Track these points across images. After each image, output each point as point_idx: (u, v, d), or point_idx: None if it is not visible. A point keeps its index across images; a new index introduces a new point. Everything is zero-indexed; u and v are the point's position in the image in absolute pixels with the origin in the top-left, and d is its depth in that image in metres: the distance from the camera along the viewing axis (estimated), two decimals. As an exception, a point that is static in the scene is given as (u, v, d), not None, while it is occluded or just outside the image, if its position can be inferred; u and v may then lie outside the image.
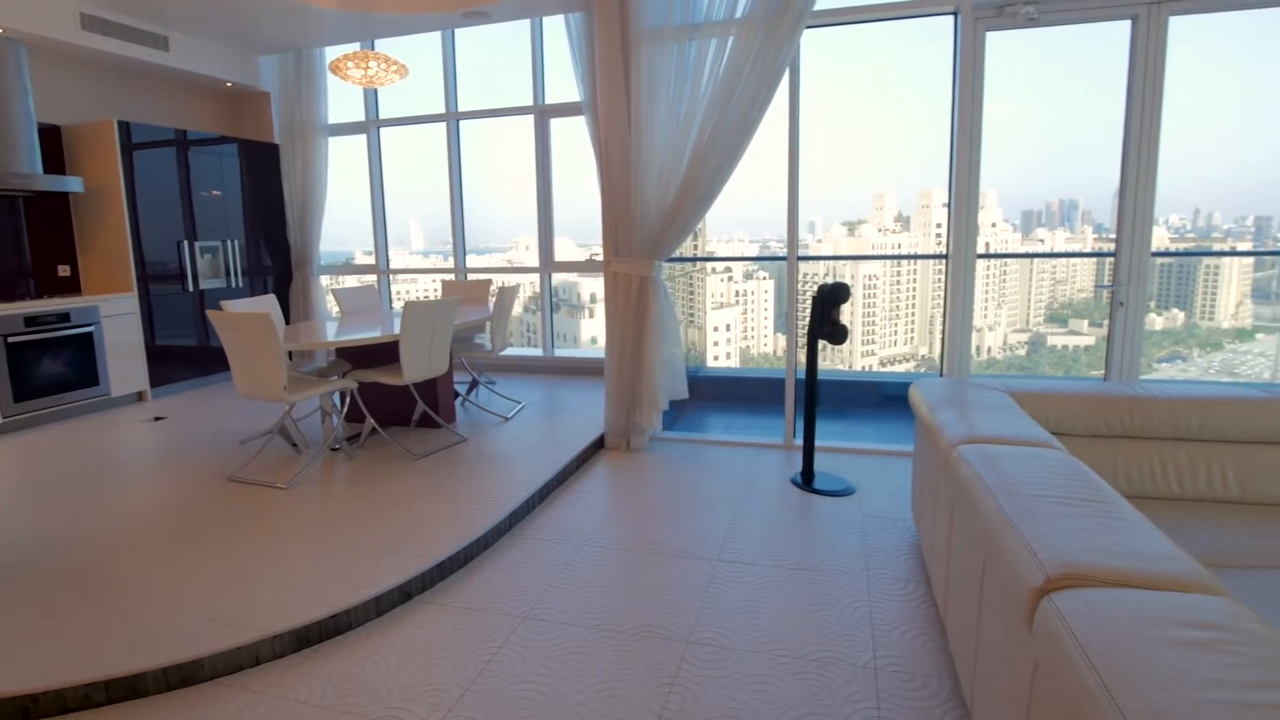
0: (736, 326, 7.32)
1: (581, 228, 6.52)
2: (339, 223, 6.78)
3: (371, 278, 6.73)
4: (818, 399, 3.45)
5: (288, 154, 6.27)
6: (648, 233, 3.84)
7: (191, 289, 5.53)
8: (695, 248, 5.58)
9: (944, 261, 3.84)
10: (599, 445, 4.04)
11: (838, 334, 3.16)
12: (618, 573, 2.61)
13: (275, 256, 6.35)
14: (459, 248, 6.36)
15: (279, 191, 6.32)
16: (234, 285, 5.88)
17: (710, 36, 3.63)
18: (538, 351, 6.33)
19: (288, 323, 6.35)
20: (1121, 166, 3.56)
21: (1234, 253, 5.73)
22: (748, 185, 4.28)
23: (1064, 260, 5.95)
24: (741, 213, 5.45)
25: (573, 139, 5.97)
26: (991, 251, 5.58)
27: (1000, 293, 7.15)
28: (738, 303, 7.45)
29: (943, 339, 3.85)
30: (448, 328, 3.79)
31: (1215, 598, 1.16)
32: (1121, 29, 3.56)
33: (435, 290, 6.71)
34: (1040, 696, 1.22)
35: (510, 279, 6.20)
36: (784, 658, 2.07)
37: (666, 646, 2.14)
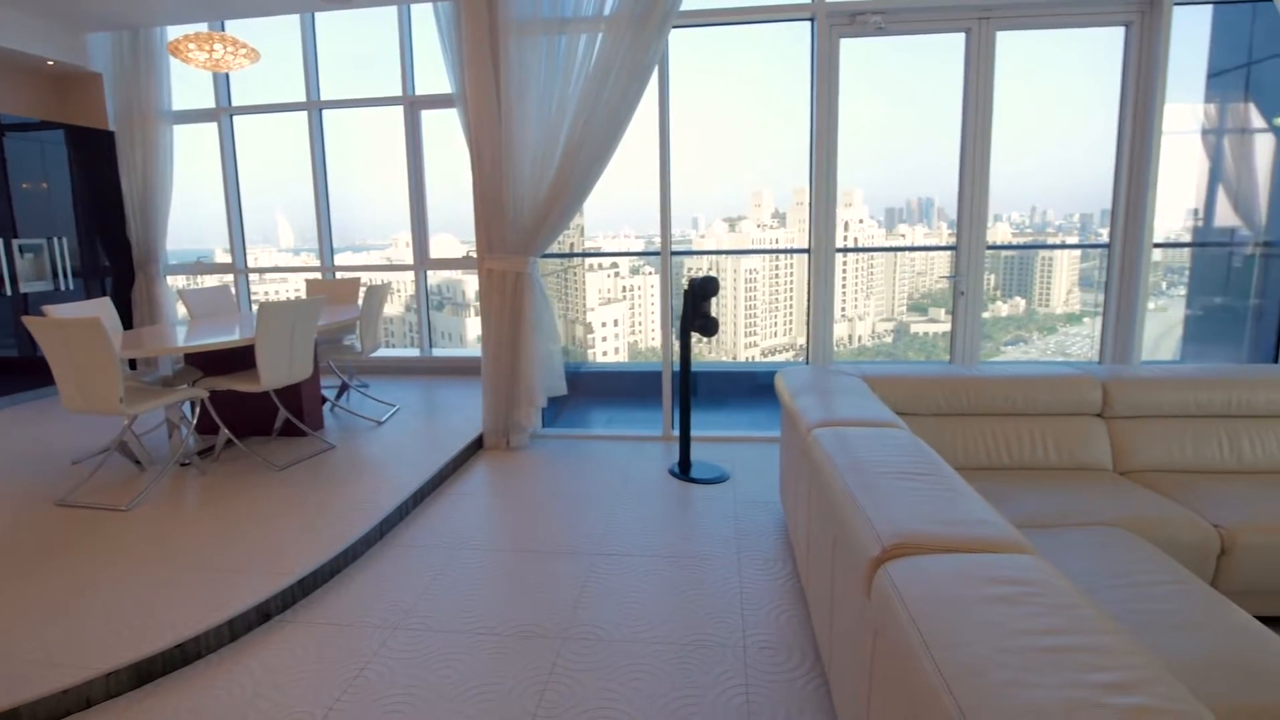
0: (624, 321, 7.38)
1: (464, 224, 6.35)
2: (191, 219, 6.24)
3: (231, 277, 6.24)
4: (694, 390, 3.54)
5: (125, 143, 5.68)
6: (522, 228, 3.79)
7: (10, 293, 4.91)
8: (572, 245, 5.57)
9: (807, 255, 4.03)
10: (478, 446, 3.96)
11: (709, 326, 3.25)
12: (494, 574, 2.57)
13: (114, 256, 5.75)
14: (325, 245, 6.02)
15: (115, 183, 5.72)
16: (63, 288, 5.27)
17: (580, 32, 3.62)
18: (415, 352, 6.11)
19: (129, 327, 5.77)
20: (959, 168, 3.88)
21: (1052, 245, 6.37)
22: (634, 182, 4.33)
23: (924, 254, 6.38)
24: (628, 209, 5.51)
25: (451, 132, 5.80)
26: (856, 246, 5.91)
27: (868, 285, 7.60)
28: (625, 298, 7.51)
29: (808, 329, 4.05)
30: (310, 329, 3.58)
31: (1024, 556, 1.28)
32: (958, 41, 3.87)
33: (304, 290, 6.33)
34: (879, 660, 1.31)
35: (387, 277, 5.95)
36: (659, 645, 2.11)
37: (542, 644, 2.13)
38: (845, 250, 4.07)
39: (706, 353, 7.60)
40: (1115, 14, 3.76)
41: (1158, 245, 3.91)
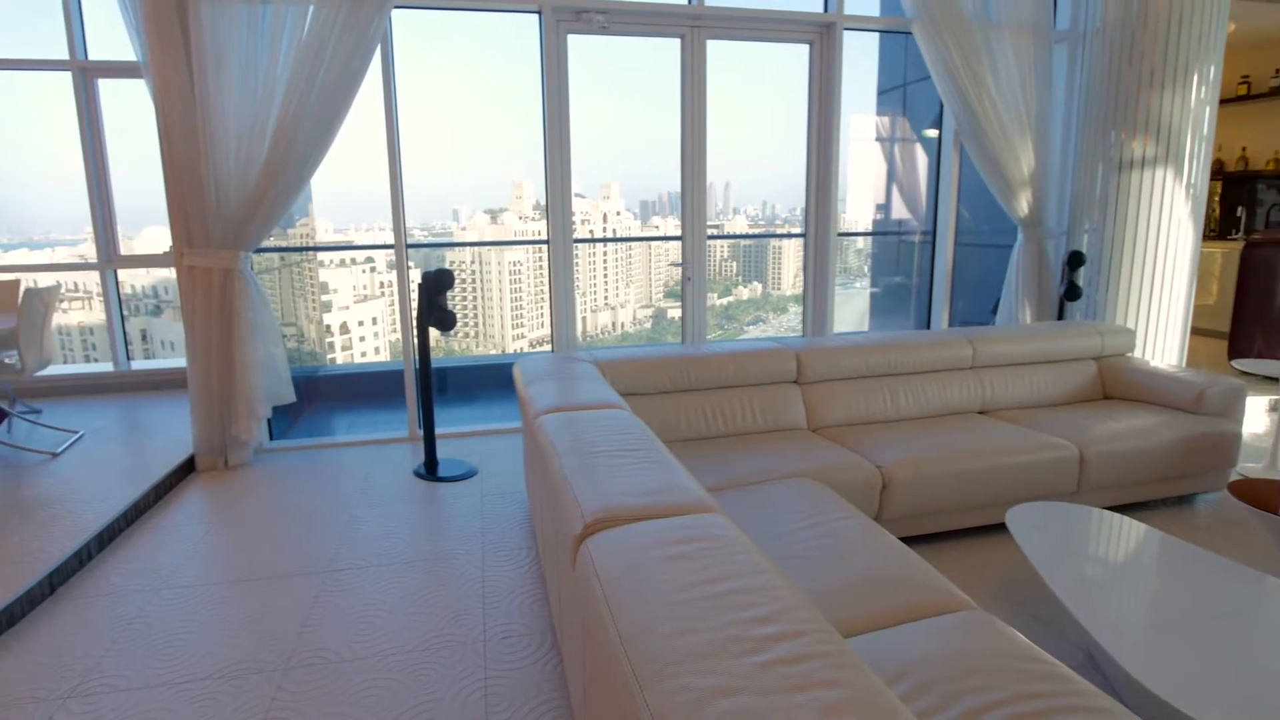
0: (384, 319, 6.92)
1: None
2: None
3: None
4: (445, 387, 3.43)
5: None
6: (229, 220, 3.37)
7: None
8: (305, 239, 5.08)
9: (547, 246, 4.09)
10: (189, 469, 3.45)
11: (445, 321, 3.16)
12: (203, 613, 2.26)
13: None
14: (-34, 240, 4.83)
15: None
16: None
17: (288, 3, 3.28)
18: (109, 366, 5.16)
19: None
20: (681, 164, 4.19)
21: (759, 235, 7.19)
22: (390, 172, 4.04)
23: (676, 244, 6.82)
24: (382, 200, 5.18)
25: (148, 107, 4.93)
26: (591, 237, 6.13)
27: (628, 274, 7.93)
28: (383, 294, 7.04)
29: (551, 320, 4.12)
30: (-68, 346, 2.84)
31: (706, 515, 1.42)
32: (676, 45, 4.16)
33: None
34: (585, 630, 1.37)
35: (71, 278, 4.92)
36: (395, 656, 2.02)
37: (259, 681, 1.92)
38: (582, 241, 4.19)
39: (474, 347, 7.42)
40: (800, 33, 4.30)
41: (842, 234, 4.57)
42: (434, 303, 3.18)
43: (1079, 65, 4.24)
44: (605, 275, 7.56)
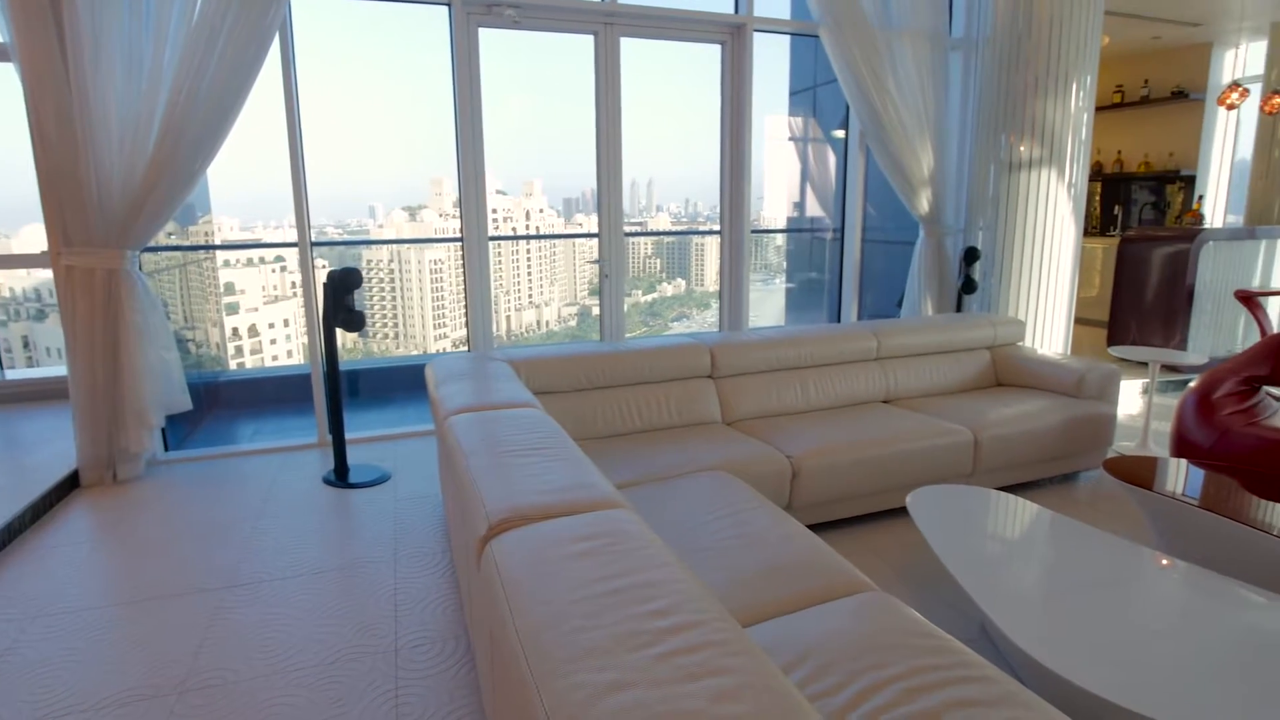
0: (296, 321, 6.61)
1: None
2: None
3: None
4: (350, 390, 3.31)
5: None
6: (112, 216, 3.14)
7: None
8: (208, 236, 4.83)
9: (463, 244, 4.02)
10: (72, 485, 3.21)
11: (353, 321, 3.05)
12: (86, 640, 2.11)
13: None
14: None
15: None
16: None
17: (172, -15, 3.09)
18: (-23, 377, 4.73)
19: None
20: (596, 161, 4.19)
21: (677, 231, 7.28)
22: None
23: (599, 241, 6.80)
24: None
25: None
26: (511, 234, 6.05)
27: (552, 272, 7.87)
28: (295, 294, 6.73)
29: (467, 319, 4.04)
30: None
31: (613, 511, 1.42)
32: (589, 42, 4.15)
33: None
34: (491, 633, 1.36)
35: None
36: (300, 671, 1.94)
37: (151, 707, 1.81)
38: (496, 239, 4.13)
39: (394, 348, 7.20)
40: (712, 33, 4.36)
41: (755, 232, 4.68)
42: (341, 302, 3.06)
43: (972, 71, 4.49)
44: (529, 273, 7.48)
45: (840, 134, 5.11)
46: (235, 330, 5.81)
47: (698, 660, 0.95)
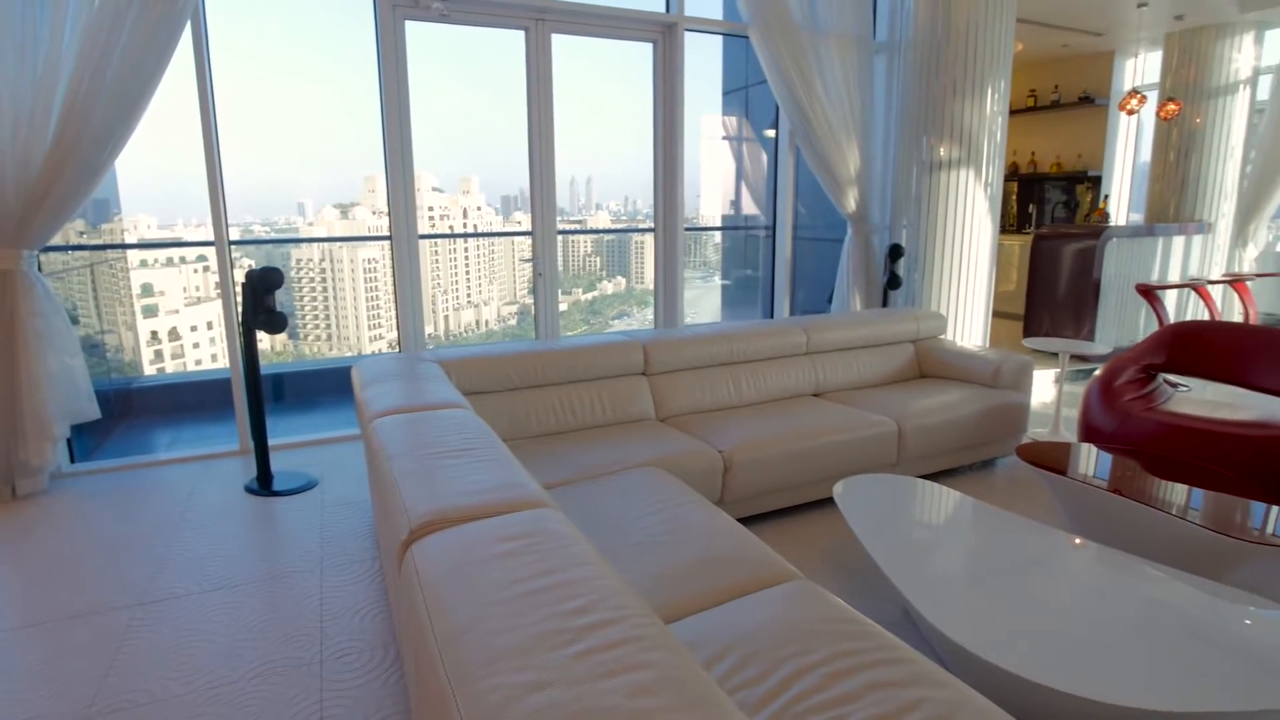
0: (221, 323, 6.32)
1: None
2: None
3: None
4: (277, 394, 3.19)
5: None
6: (6, 213, 2.94)
7: None
8: (125, 234, 4.57)
9: (390, 242, 3.92)
10: (-35, 502, 3.00)
11: (274, 322, 2.94)
12: (-20, 665, 1.97)
13: None
14: None
15: None
16: None
17: (69, -32, 2.90)
18: None
19: None
20: (529, 158, 4.15)
21: (613, 230, 7.30)
22: (228, 162, 3.67)
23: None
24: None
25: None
26: (444, 233, 5.95)
27: (491, 270, 7.75)
28: (219, 296, 6.43)
29: (397, 319, 3.96)
30: None
31: (538, 510, 1.42)
32: (521, 38, 4.11)
33: None
34: (411, 638, 1.33)
35: None
36: (219, 688, 1.86)
37: (51, 734, 1.71)
38: (426, 236, 4.05)
39: (326, 349, 6.97)
40: (643, 32, 4.38)
41: (688, 229, 4.73)
42: (261, 303, 2.95)
43: (895, 75, 4.64)
44: (467, 272, 7.36)
45: (771, 133, 5.21)
46: (155, 334, 5.51)
47: (616, 656, 0.95)
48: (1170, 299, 5.85)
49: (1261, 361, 2.96)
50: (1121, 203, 6.98)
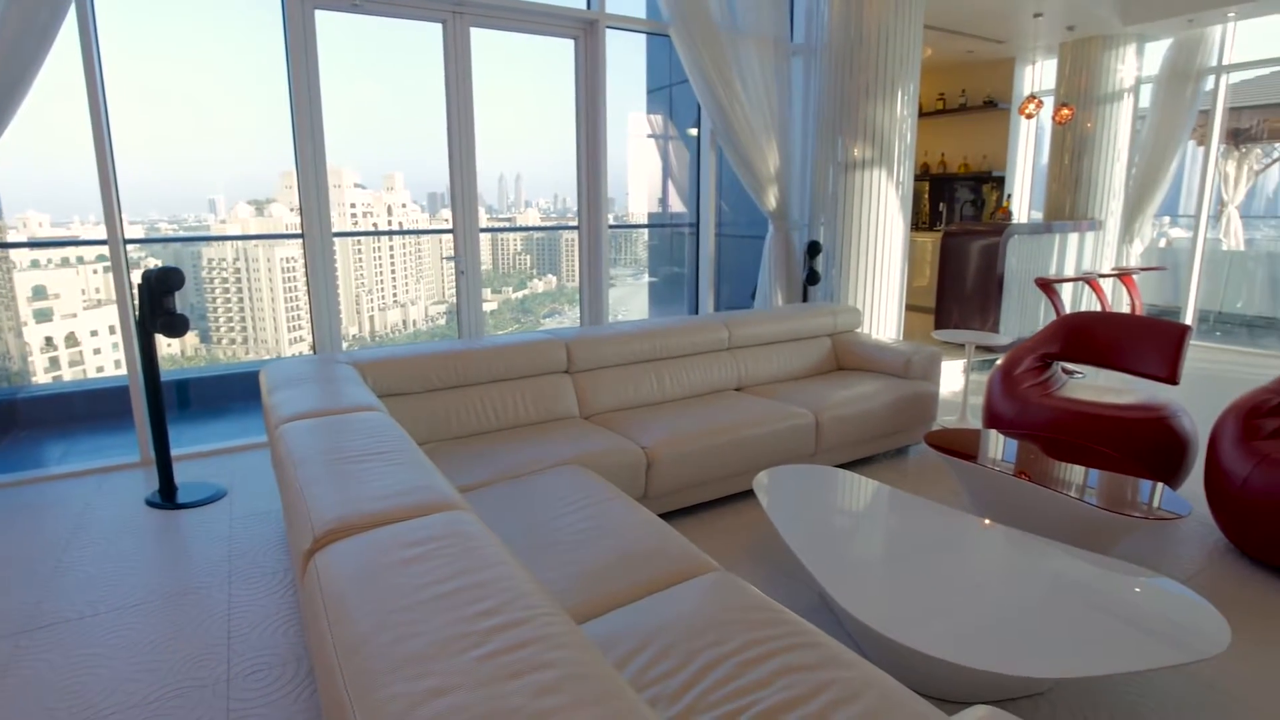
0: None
1: None
2: None
3: None
4: (185, 400, 3.02)
5: None
6: None
7: None
8: (5, 232, 4.24)
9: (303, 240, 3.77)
10: None
11: (175, 325, 2.79)
12: None
13: None
14: None
15: None
16: None
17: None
18: None
19: None
20: (448, 154, 4.07)
21: (531, 227, 7.27)
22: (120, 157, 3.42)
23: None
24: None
25: None
26: (358, 230, 5.78)
27: (418, 269, 7.54)
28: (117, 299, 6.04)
29: (311, 320, 3.81)
30: None
31: (450, 513, 1.39)
32: (438, 30, 4.01)
33: None
34: (314, 651, 1.29)
35: None
36: (115, 715, 1.75)
37: (-82, 776, 1.57)
38: (342, 235, 3.91)
39: (242, 353, 6.64)
40: (564, 28, 4.35)
41: (612, 227, 4.74)
42: (160, 305, 2.79)
43: (812, 76, 4.77)
44: (393, 271, 7.15)
45: (694, 132, 5.27)
46: (50, 340, 5.13)
47: (521, 657, 0.95)
48: (1066, 292, 6.24)
49: (1141, 349, 3.20)
50: (1023, 201, 7.39)
